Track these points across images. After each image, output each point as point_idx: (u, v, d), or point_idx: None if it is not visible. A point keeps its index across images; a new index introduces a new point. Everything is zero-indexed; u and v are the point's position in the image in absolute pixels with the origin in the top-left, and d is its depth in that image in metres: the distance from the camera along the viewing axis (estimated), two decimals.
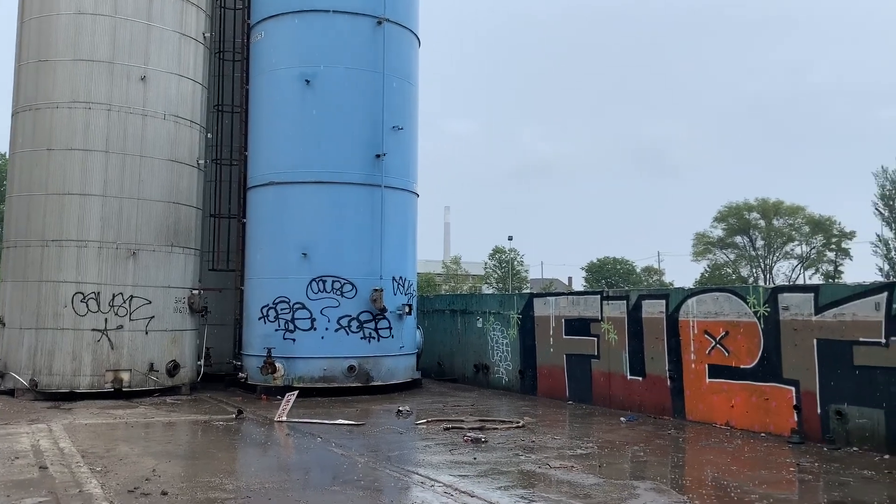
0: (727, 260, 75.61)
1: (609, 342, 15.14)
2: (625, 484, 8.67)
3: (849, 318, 10.91)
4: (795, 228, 71.36)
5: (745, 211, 72.30)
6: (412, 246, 18.99)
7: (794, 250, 72.61)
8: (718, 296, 13.06)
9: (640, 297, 14.68)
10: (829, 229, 69.68)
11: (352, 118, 17.60)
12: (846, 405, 10.87)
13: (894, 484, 8.72)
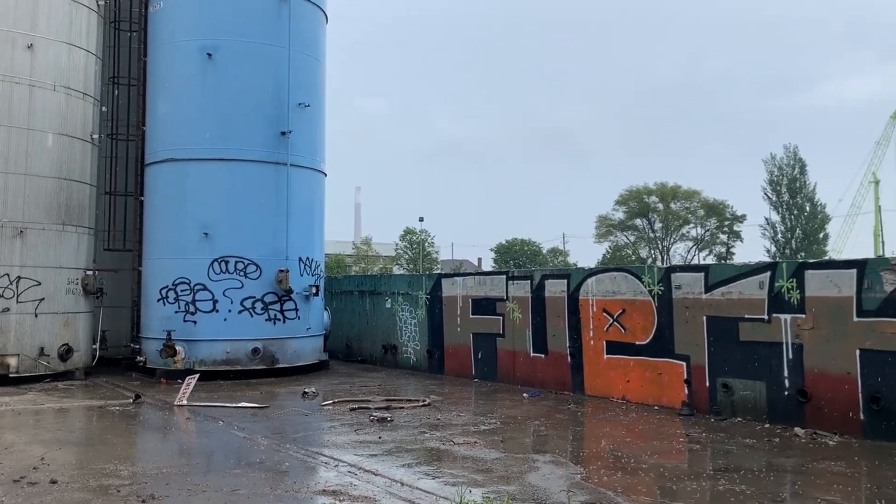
0: (628, 241, 78.47)
1: (514, 321, 15.48)
2: (525, 457, 8.93)
3: (735, 296, 11.56)
4: (691, 212, 74.71)
5: (645, 195, 75.11)
6: (319, 226, 18.76)
7: (690, 232, 76.09)
8: (616, 275, 13.57)
9: (543, 277, 15.06)
10: (722, 213, 73.34)
11: (256, 94, 17.14)
12: (732, 378, 11.54)
13: (773, 450, 9.36)
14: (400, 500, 7.15)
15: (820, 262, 11.07)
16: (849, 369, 10.10)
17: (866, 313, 9.96)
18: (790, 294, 10.80)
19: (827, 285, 10.41)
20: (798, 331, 10.68)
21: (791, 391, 10.74)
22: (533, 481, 7.81)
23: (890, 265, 9.84)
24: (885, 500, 7.16)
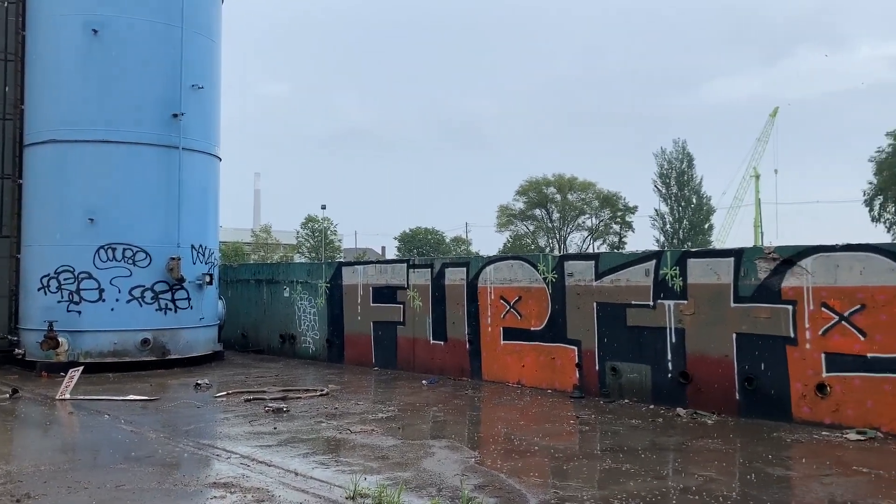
0: (528, 231, 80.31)
1: (414, 309, 15.56)
2: (422, 444, 9.02)
3: (623, 284, 12.05)
4: (587, 203, 77.26)
5: (544, 185, 77.06)
6: (214, 212, 18.19)
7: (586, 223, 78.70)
8: (513, 263, 13.87)
9: (443, 266, 15.20)
10: (616, 204, 76.21)
11: (145, 74, 16.38)
12: (620, 362, 12.05)
13: (657, 430, 9.84)
14: (293, 490, 7.07)
15: (701, 251, 11.69)
16: (726, 352, 10.74)
17: (742, 299, 10.62)
18: (674, 281, 11.36)
19: (707, 273, 11.02)
20: (681, 316, 11.26)
21: (674, 373, 11.32)
22: (428, 467, 7.91)
23: (764, 254, 10.52)
24: (755, 473, 7.67)
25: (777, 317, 10.23)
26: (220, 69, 18.48)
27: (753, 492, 6.98)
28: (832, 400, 9.67)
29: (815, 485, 7.26)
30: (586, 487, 7.17)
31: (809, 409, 9.87)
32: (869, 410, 9.36)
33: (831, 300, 9.75)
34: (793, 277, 10.12)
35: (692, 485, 7.22)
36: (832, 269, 9.78)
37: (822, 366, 9.79)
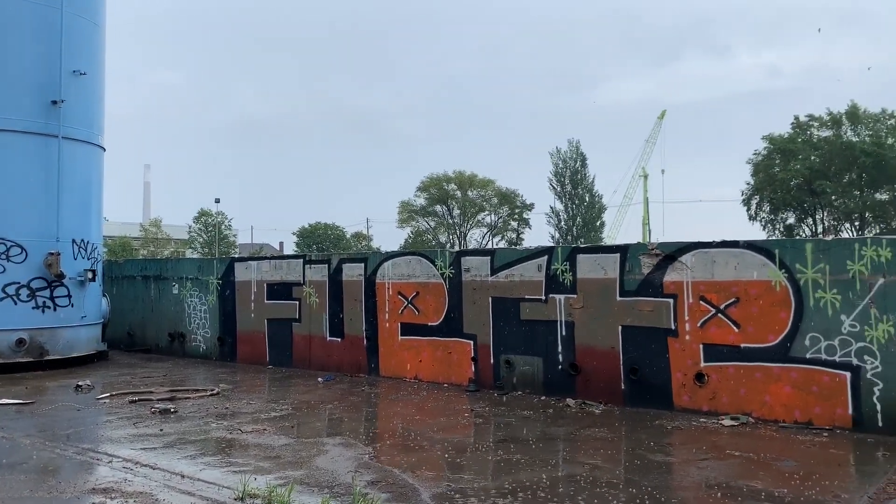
0: (429, 227, 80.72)
1: (311, 305, 15.34)
2: (315, 442, 8.92)
3: (517, 279, 12.32)
4: (486, 199, 78.45)
5: (445, 182, 77.67)
6: (97, 205, 17.29)
7: (485, 219, 79.87)
8: (411, 259, 13.91)
9: (340, 261, 15.06)
10: (514, 201, 77.79)
11: (21, 58, 15.38)
12: (514, 355, 12.32)
13: (548, 421, 10.13)
14: (179, 492, 6.83)
15: (589, 248, 12.10)
16: (613, 344, 11.18)
17: (627, 293, 11.08)
18: (564, 276, 11.72)
19: (595, 268, 11.42)
20: (570, 310, 11.63)
21: (564, 365, 11.68)
22: (321, 465, 7.82)
23: (647, 251, 11.01)
24: (638, 460, 8.03)
25: (659, 310, 10.74)
26: (105, 54, 17.57)
27: (636, 478, 7.30)
28: (709, 388, 10.25)
29: (693, 469, 7.67)
30: (479, 479, 7.29)
31: (689, 397, 10.43)
32: (742, 397, 9.98)
33: (709, 294, 10.32)
34: (674, 272, 10.65)
35: (579, 473, 7.47)
36: (709, 264, 10.36)
37: (700, 356, 10.35)
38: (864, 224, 47.69)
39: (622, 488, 6.92)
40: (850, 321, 9.20)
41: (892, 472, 7.33)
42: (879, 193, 47.46)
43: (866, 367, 9.07)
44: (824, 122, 48.58)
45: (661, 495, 6.70)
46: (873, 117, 47.26)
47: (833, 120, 48.17)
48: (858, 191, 47.02)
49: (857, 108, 47.45)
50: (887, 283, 8.97)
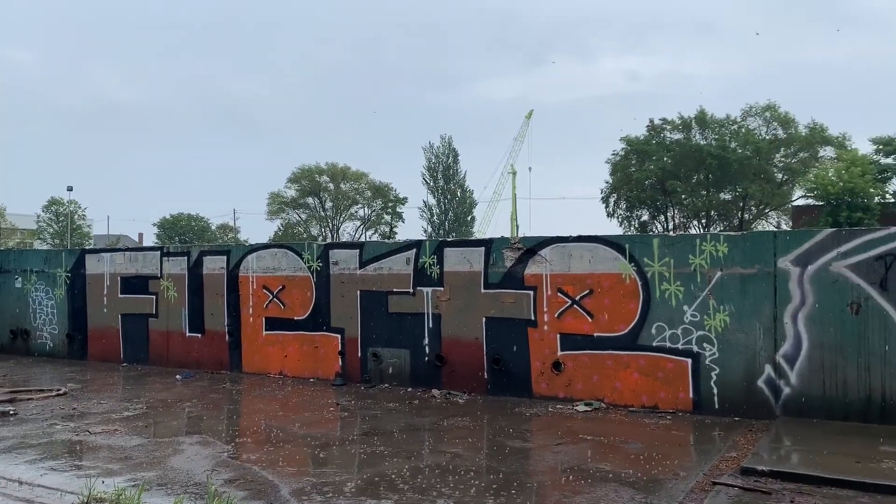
0: (300, 219, 79.17)
1: (168, 300, 14.68)
2: (171, 441, 8.56)
3: (386, 272, 12.35)
4: (360, 192, 77.94)
5: (317, 174, 76.42)
6: None
7: (358, 212, 79.37)
8: (277, 252, 13.61)
9: (201, 254, 14.49)
10: (387, 195, 77.76)
11: None
12: (381, 348, 12.35)
13: (413, 412, 10.24)
14: (16, 500, 6.36)
15: (456, 241, 12.32)
16: (477, 335, 11.45)
17: (491, 286, 11.38)
18: (432, 269, 11.87)
19: (461, 261, 11.65)
20: (437, 302, 11.81)
21: (431, 357, 11.85)
22: (176, 465, 7.52)
23: (510, 245, 11.35)
24: (497, 446, 8.29)
25: (520, 301, 11.11)
26: None
27: (494, 464, 7.54)
28: (565, 376, 10.74)
29: (548, 454, 8.01)
30: (342, 472, 7.27)
31: (547, 384, 10.87)
32: (595, 384, 10.52)
33: (566, 286, 10.80)
34: (534, 266, 11.05)
35: (441, 461, 7.62)
36: (567, 258, 10.83)
37: (557, 345, 10.81)
38: (710, 221, 51.50)
39: (481, 475, 7.12)
40: (691, 311, 9.91)
41: (725, 450, 7.98)
42: (723, 193, 51.33)
43: (705, 354, 9.81)
44: (676, 126, 52.01)
45: (518, 480, 6.95)
46: (719, 122, 51.07)
47: (684, 124, 51.61)
48: (705, 190, 50.66)
49: (704, 113, 51.08)
50: (724, 276, 9.73)
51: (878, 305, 8.86)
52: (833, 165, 42.45)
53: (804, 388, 9.21)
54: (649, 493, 6.51)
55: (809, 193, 42.76)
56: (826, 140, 49.62)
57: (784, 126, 50.24)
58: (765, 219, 52.92)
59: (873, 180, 39.61)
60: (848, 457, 7.34)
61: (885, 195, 41.42)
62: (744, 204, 51.24)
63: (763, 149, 48.70)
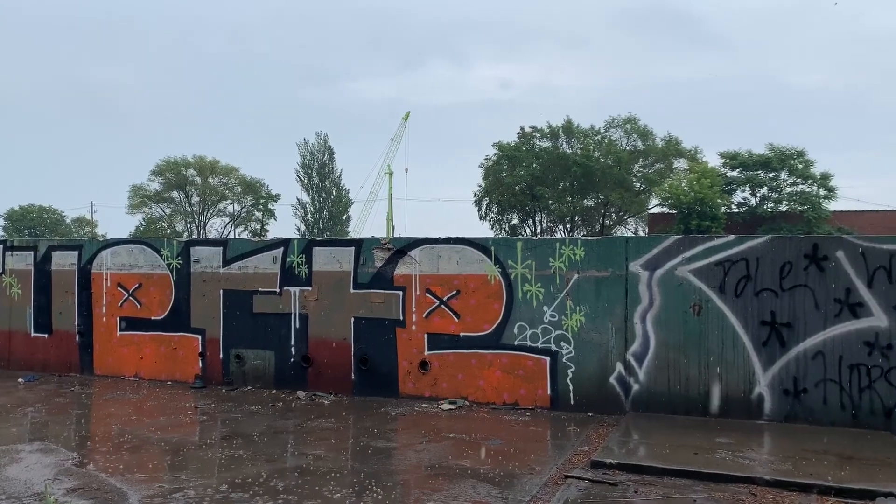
0: (164, 214, 75.49)
1: (12, 297, 13.60)
2: (8, 449, 7.95)
3: (251, 271, 12.03)
4: (229, 188, 75.31)
5: (183, 167, 73.10)
6: None
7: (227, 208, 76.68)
8: (134, 248, 12.93)
9: (49, 249, 13.52)
10: (259, 191, 75.63)
11: None
12: (245, 349, 12.01)
13: (276, 414, 10.04)
14: None
15: (325, 240, 12.22)
16: (345, 336, 11.39)
17: (360, 286, 11.35)
18: (300, 268, 11.69)
19: (331, 261, 11.55)
20: (305, 302, 11.64)
21: (297, 358, 11.66)
22: (13, 474, 7.00)
23: (380, 245, 11.38)
24: (360, 447, 8.29)
25: (389, 302, 11.16)
26: None
27: (357, 465, 7.54)
28: (431, 375, 10.89)
29: (411, 453, 8.10)
30: (196, 478, 7.02)
31: (413, 384, 10.98)
32: (460, 383, 10.74)
33: (434, 286, 10.95)
34: (404, 266, 11.14)
35: (302, 464, 7.52)
36: (436, 259, 10.99)
37: (424, 345, 10.95)
38: (575, 226, 53.82)
39: (343, 476, 7.10)
40: (550, 311, 10.33)
41: (578, 445, 8.38)
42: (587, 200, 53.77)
43: (563, 353, 10.26)
44: (545, 134, 53.98)
45: (379, 479, 6.99)
46: (584, 132, 53.45)
47: (552, 133, 53.67)
48: (571, 197, 52.84)
49: (571, 123, 53.32)
50: (580, 279, 10.21)
51: (717, 307, 9.59)
52: (686, 177, 45.44)
53: (651, 384, 9.84)
54: (506, 488, 6.73)
55: (664, 202, 45.60)
56: (680, 152, 53.05)
57: (643, 138, 53.26)
58: (624, 225, 55.86)
59: (721, 191, 42.76)
60: (687, 448, 7.91)
61: (730, 205, 44.82)
62: (605, 210, 53.89)
63: (623, 159, 51.40)
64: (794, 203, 43.01)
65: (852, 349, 9.03)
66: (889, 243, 9.00)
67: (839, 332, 9.07)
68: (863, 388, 8.98)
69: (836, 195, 43.12)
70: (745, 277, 9.46)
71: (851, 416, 9.01)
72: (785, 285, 9.29)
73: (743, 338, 9.45)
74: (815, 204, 42.34)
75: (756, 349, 9.40)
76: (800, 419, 9.19)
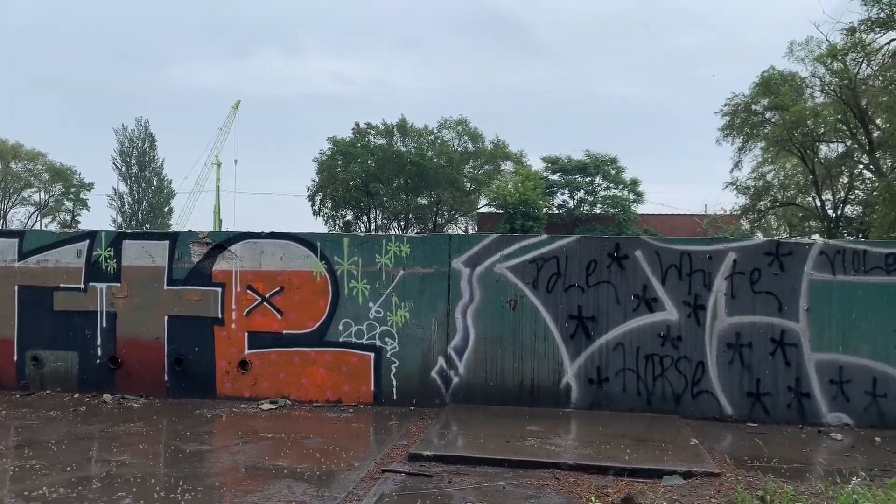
0: None
1: None
2: None
3: (52, 265, 11.06)
4: (35, 175, 68.74)
5: None
6: None
7: (33, 197, 69.97)
8: None
9: None
10: (70, 179, 69.66)
11: None
12: (43, 350, 11.02)
13: (77, 420, 9.30)
14: None
15: (137, 233, 11.47)
16: (158, 335, 10.77)
17: (175, 282, 10.79)
18: (108, 263, 10.90)
19: (142, 255, 10.87)
20: (113, 299, 10.88)
21: (103, 359, 10.87)
22: None
23: (198, 239, 10.87)
24: (171, 452, 7.87)
25: (207, 299, 10.70)
26: None
27: (166, 470, 7.15)
28: (252, 375, 10.58)
29: (225, 455, 7.81)
30: None
31: (232, 384, 10.61)
32: (281, 381, 10.52)
33: (256, 283, 10.64)
34: (224, 262, 10.72)
35: (104, 472, 7.02)
36: (258, 254, 10.68)
37: (245, 344, 10.61)
38: (408, 224, 54.54)
39: (149, 482, 6.71)
40: (376, 308, 10.39)
41: (398, 439, 8.49)
42: (421, 198, 54.70)
43: (387, 348, 10.36)
44: (380, 131, 54.19)
45: (189, 484, 6.68)
46: (418, 132, 54.29)
47: (387, 130, 53.97)
48: (405, 194, 53.48)
49: (405, 122, 53.96)
50: (406, 275, 10.36)
51: (531, 302, 10.11)
52: (511, 179, 47.57)
53: (470, 377, 10.19)
54: (322, 486, 6.68)
55: (492, 202, 47.45)
56: (507, 155, 55.33)
57: (473, 140, 54.96)
58: (455, 223, 57.41)
59: (543, 194, 45.16)
60: (500, 438, 8.27)
61: (551, 207, 47.46)
62: (438, 209, 55.08)
63: (455, 159, 52.79)
64: (608, 206, 46.34)
65: (648, 340, 9.87)
66: (680, 244, 9.94)
67: (637, 325, 9.89)
68: (657, 376, 9.85)
69: (643, 199, 47.04)
70: (556, 274, 10.05)
71: (647, 402, 9.86)
72: (590, 282, 9.98)
73: (553, 331, 10.03)
74: (626, 207, 45.90)
75: (565, 341, 10.02)
76: (603, 406, 9.92)
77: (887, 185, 27.66)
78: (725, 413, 9.73)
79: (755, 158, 39.64)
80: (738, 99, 36.94)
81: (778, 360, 9.68)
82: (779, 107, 34.46)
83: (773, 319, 9.70)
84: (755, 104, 36.69)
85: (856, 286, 9.59)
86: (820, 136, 34.82)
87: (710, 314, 9.78)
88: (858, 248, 9.67)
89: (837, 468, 7.33)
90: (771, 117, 36.18)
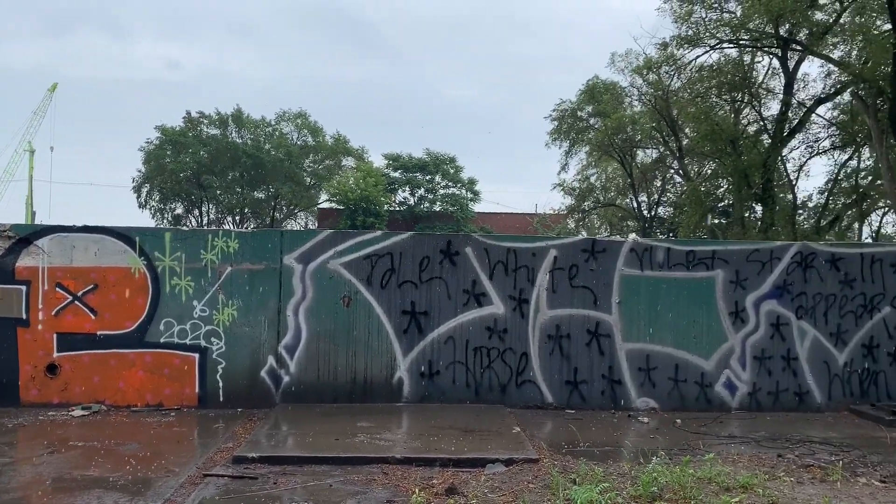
0: None
1: None
2: None
3: None
4: None
5: None
6: None
7: None
8: None
9: None
10: None
11: None
12: None
13: None
14: None
15: None
16: None
17: None
18: None
19: None
20: None
21: None
22: None
23: (1, 233, 9.88)
24: None
25: (10, 298, 9.76)
26: None
27: None
28: (62, 379, 9.77)
29: (28, 467, 7.16)
30: None
31: (38, 390, 9.75)
32: (96, 385, 9.81)
33: (66, 280, 9.84)
34: (29, 257, 9.83)
35: None
36: (69, 249, 9.88)
37: (54, 346, 9.79)
38: (245, 218, 52.64)
39: None
40: (201, 306, 9.95)
41: (223, 442, 8.19)
42: (258, 192, 52.97)
43: (213, 349, 9.96)
44: (213, 121, 51.82)
45: None
46: (255, 123, 52.50)
47: (221, 120, 51.69)
48: (241, 188, 51.49)
49: (241, 112, 51.98)
50: (234, 272, 10.01)
51: (365, 299, 10.12)
52: (353, 175, 47.29)
53: (302, 375, 10.03)
54: (136, 495, 6.30)
55: (333, 198, 46.89)
56: (348, 151, 54.94)
57: (313, 134, 54.03)
58: (294, 219, 56.24)
59: (384, 190, 45.31)
60: (330, 435, 8.21)
61: (392, 204, 47.73)
62: (276, 203, 53.61)
63: (294, 153, 51.63)
64: (447, 204, 47.35)
65: (477, 334, 10.21)
66: (507, 241, 10.36)
67: (467, 319, 10.20)
68: (484, 367, 10.22)
69: (480, 198, 48.52)
70: (390, 270, 10.14)
71: (475, 393, 10.20)
72: (423, 277, 10.16)
73: (387, 326, 10.11)
74: (463, 205, 47.13)
75: (398, 336, 10.13)
76: (434, 399, 10.14)
77: (693, 189, 30.47)
78: (546, 401, 10.28)
79: (581, 161, 42.25)
80: (565, 105, 39.16)
81: (593, 350, 10.37)
82: (601, 114, 36.92)
83: (589, 312, 10.37)
84: (581, 111, 39.04)
85: (661, 281, 10.47)
86: (637, 143, 37.72)
87: (534, 307, 10.29)
88: (663, 246, 10.57)
89: (642, 449, 7.98)
90: (595, 123, 38.66)
